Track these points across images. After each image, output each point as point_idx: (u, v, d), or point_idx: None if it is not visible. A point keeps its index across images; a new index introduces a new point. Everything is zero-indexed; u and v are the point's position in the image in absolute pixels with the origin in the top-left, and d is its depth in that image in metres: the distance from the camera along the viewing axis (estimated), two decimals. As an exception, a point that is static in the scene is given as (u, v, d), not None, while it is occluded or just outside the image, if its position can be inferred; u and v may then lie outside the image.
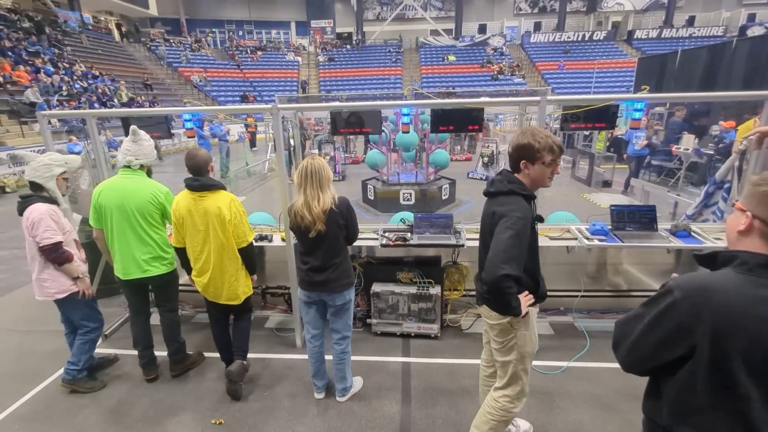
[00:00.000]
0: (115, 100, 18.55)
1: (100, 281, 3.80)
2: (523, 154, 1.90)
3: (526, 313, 1.90)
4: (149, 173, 3.07)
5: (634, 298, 3.88)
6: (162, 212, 2.97)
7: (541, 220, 2.02)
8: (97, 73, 20.21)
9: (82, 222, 3.95)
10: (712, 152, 8.81)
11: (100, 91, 18.50)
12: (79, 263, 2.93)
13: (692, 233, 3.35)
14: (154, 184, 2.98)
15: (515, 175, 1.97)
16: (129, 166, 2.93)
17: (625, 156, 9.42)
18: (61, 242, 2.75)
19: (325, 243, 2.54)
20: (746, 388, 1.05)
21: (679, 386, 1.15)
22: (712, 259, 1.19)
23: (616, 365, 3.22)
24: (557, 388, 3.02)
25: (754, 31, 27.02)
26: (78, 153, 9.92)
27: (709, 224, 3.64)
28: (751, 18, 31.26)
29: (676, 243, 3.26)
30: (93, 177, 4.00)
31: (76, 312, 3.00)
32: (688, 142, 8.62)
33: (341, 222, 2.54)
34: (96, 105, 16.99)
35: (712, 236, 3.31)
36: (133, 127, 2.96)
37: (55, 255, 2.74)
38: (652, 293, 1.21)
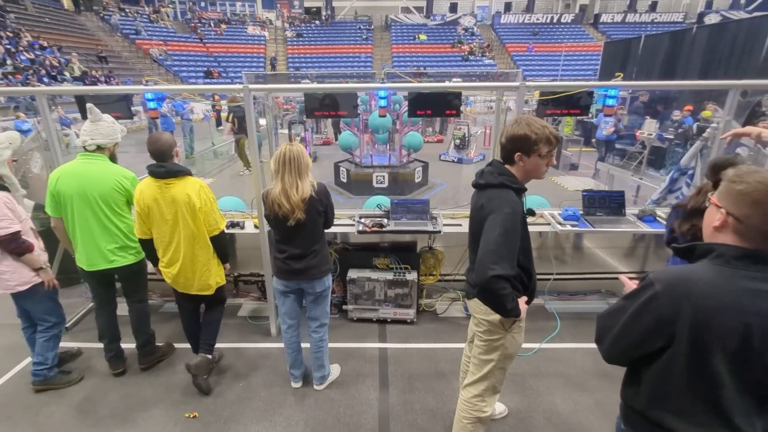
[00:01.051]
0: (67, 74, 17.29)
1: (58, 271, 3.57)
2: (519, 146, 1.77)
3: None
4: (113, 158, 2.86)
5: (602, 281, 4.03)
6: (127, 199, 2.79)
7: (532, 213, 1.94)
8: (45, 44, 18.70)
9: (35, 209, 3.68)
10: (672, 137, 9.19)
11: (48, 63, 17.16)
12: (40, 252, 2.72)
13: (657, 218, 3.48)
14: (118, 170, 2.77)
15: (506, 166, 1.86)
16: (85, 148, 2.72)
17: (593, 140, 9.62)
18: (19, 231, 2.54)
19: (305, 230, 2.47)
20: (721, 375, 1.09)
21: (657, 373, 1.20)
22: (690, 252, 1.22)
23: (586, 345, 3.33)
24: (530, 369, 3.12)
25: (711, 19, 28.12)
26: (26, 132, 9.21)
27: (673, 209, 3.79)
28: (709, 5, 32.47)
29: (643, 228, 3.39)
30: (46, 160, 3.71)
31: (37, 306, 2.80)
32: (650, 127, 8.95)
33: (320, 209, 2.48)
34: (45, 79, 15.78)
35: (676, 221, 3.46)
36: (89, 105, 2.73)
37: (14, 245, 2.53)
38: (617, 275, 1.23)
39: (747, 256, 1.09)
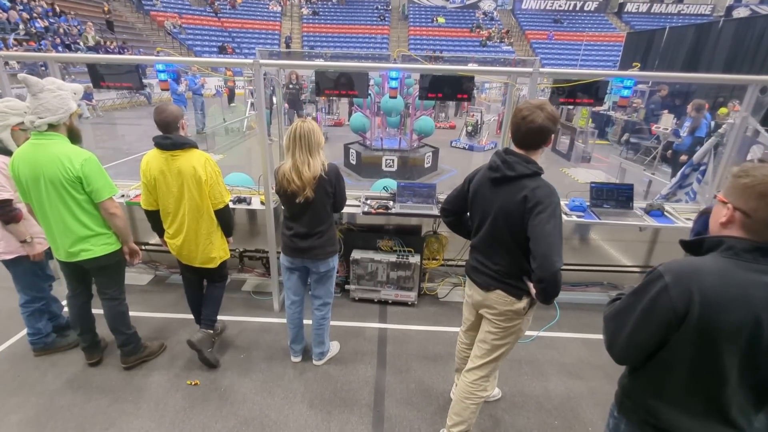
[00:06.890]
0: (81, 43, 17.28)
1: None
2: (548, 136, 1.79)
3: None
4: (74, 131, 2.48)
5: (604, 273, 4.02)
6: (81, 185, 2.36)
7: None
8: (59, 11, 18.66)
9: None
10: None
11: (62, 31, 17.13)
12: (34, 224, 2.67)
13: (665, 213, 3.44)
14: (68, 151, 2.33)
15: (524, 153, 1.84)
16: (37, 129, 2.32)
17: (669, 153, 8.11)
18: (10, 200, 2.53)
19: (311, 210, 2.49)
20: (726, 369, 1.08)
21: (659, 363, 1.19)
22: (697, 245, 1.20)
23: (583, 336, 3.33)
24: (526, 356, 3.15)
25: (740, 12, 27.12)
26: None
27: (682, 204, 3.74)
28: (739, -2, 31.26)
29: (650, 222, 3.35)
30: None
31: (20, 278, 2.80)
32: (666, 122, 8.73)
33: (329, 189, 2.48)
34: (59, 47, 15.80)
35: (684, 216, 3.42)
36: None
37: (1, 212, 2.53)
38: (624, 268, 1.21)
39: (757, 249, 1.08)
